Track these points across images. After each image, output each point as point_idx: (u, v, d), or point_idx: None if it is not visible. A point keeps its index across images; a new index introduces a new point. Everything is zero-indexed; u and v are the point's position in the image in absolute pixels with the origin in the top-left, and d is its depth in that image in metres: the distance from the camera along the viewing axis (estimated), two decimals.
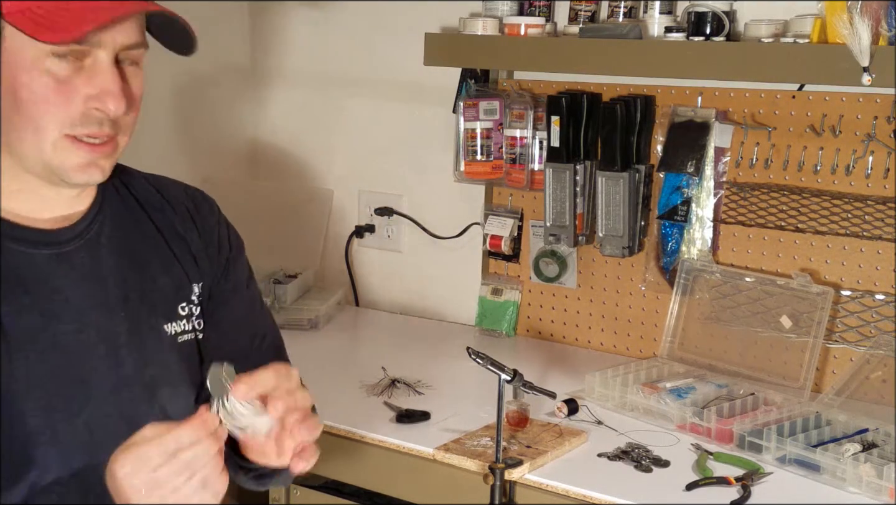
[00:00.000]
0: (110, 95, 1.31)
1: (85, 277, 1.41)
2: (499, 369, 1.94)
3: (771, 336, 2.40)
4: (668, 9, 2.43)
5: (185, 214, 1.55)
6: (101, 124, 1.33)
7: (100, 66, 1.31)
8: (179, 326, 1.49)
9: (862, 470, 1.91)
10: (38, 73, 1.29)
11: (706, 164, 2.48)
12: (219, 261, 1.58)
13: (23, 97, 1.30)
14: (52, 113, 1.30)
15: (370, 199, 3.10)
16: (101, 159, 1.35)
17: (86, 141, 1.33)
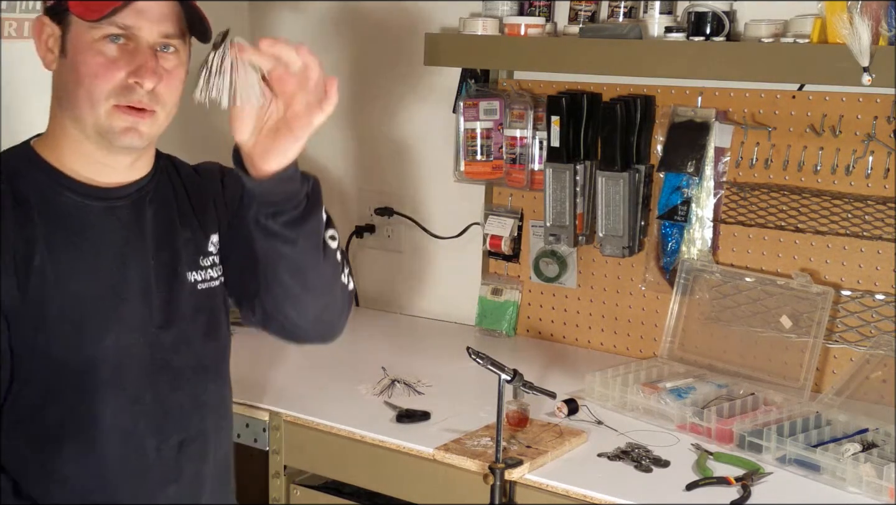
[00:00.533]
0: (145, 70, 1.60)
1: (127, 228, 1.70)
2: (499, 369, 1.94)
3: (771, 336, 2.40)
4: (668, 9, 2.44)
5: (203, 182, 1.84)
6: (140, 96, 1.61)
7: (139, 49, 1.61)
8: (200, 276, 1.77)
9: (862, 470, 1.91)
10: (93, 54, 1.61)
11: (706, 164, 2.48)
12: (225, 210, 1.83)
13: (81, 71, 1.61)
14: (101, 85, 1.60)
15: (370, 199, 3.10)
16: (142, 125, 1.63)
17: (129, 107, 1.61)
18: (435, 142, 2.95)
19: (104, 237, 1.68)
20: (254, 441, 2.34)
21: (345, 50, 3.09)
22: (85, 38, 1.61)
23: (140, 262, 1.71)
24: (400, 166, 3.04)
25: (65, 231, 1.65)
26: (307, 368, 2.56)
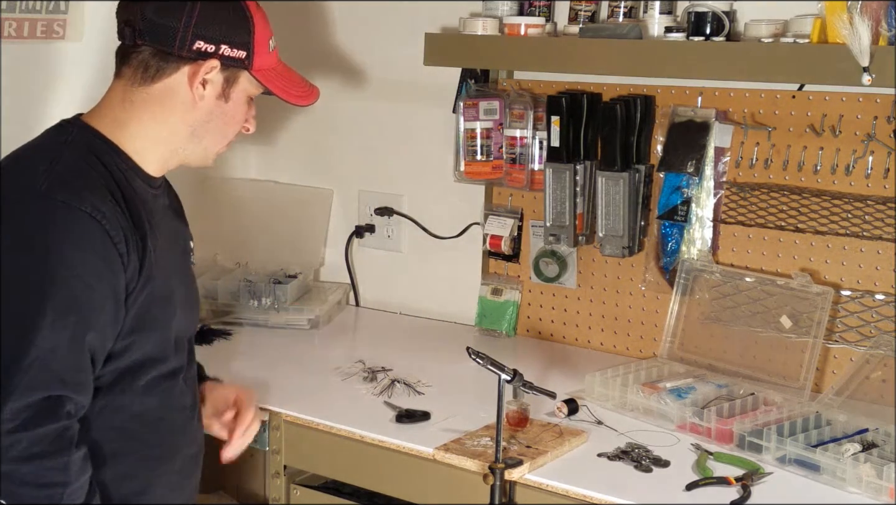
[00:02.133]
0: (253, 121, 1.93)
1: (165, 215, 1.88)
2: (499, 369, 1.94)
3: (771, 336, 2.40)
4: (668, 9, 2.44)
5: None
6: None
7: (253, 103, 1.93)
8: (191, 262, 1.98)
9: (862, 470, 1.91)
10: (246, 109, 1.90)
11: (706, 164, 2.48)
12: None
13: (232, 118, 1.87)
14: (233, 133, 1.90)
15: (370, 199, 3.10)
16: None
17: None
18: (435, 142, 2.95)
19: (160, 222, 1.84)
20: (254, 441, 2.35)
21: (345, 50, 3.09)
22: (247, 94, 1.87)
23: (175, 245, 1.90)
24: (400, 166, 3.04)
25: (147, 213, 1.78)
26: (307, 368, 2.56)
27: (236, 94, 1.85)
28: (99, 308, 1.65)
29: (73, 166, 1.70)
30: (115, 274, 1.67)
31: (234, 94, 1.85)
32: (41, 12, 2.61)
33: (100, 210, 1.65)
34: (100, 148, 1.75)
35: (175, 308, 1.83)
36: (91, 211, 1.65)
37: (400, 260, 3.08)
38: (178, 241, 1.92)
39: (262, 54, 1.89)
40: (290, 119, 3.23)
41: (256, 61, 1.87)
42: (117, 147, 1.77)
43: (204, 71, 1.78)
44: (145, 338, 1.76)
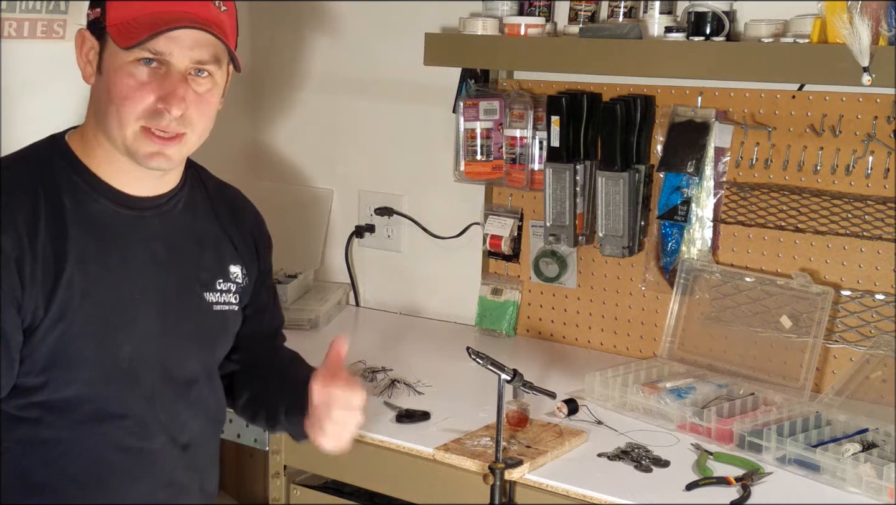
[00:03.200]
0: (173, 97, 1.62)
1: (154, 239, 1.73)
2: (499, 369, 1.94)
3: (771, 336, 2.40)
4: (668, 9, 2.44)
5: (235, 213, 1.90)
6: (168, 122, 1.63)
7: (170, 74, 1.62)
8: (215, 297, 1.81)
9: (862, 470, 1.91)
10: (124, 75, 1.62)
11: (706, 164, 2.48)
12: (254, 254, 1.92)
13: (112, 92, 1.63)
14: (130, 107, 1.62)
15: (370, 199, 3.10)
16: (169, 150, 1.65)
17: (157, 134, 1.63)
18: (435, 142, 2.95)
19: (132, 247, 1.70)
20: (254, 441, 2.35)
21: (345, 50, 3.09)
22: (119, 58, 1.62)
23: (161, 274, 1.73)
24: (400, 166, 3.04)
25: (97, 240, 1.66)
26: None
27: (106, 62, 1.65)
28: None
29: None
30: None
31: (105, 64, 1.65)
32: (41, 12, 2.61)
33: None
34: (57, 168, 1.67)
35: (130, 345, 1.68)
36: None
37: (400, 260, 3.08)
38: (176, 269, 1.76)
39: (119, 7, 1.63)
40: (289, 119, 3.23)
41: (111, 15, 1.64)
42: (83, 165, 1.69)
43: (79, 45, 1.67)
44: (68, 376, 1.65)
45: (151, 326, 1.71)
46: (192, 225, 1.80)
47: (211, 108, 1.69)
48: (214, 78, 1.68)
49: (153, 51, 1.60)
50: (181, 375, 1.77)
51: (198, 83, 1.65)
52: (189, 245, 1.79)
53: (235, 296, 1.85)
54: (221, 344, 1.87)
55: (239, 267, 1.86)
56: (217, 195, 1.88)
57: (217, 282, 1.82)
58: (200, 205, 1.83)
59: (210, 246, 1.82)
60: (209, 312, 1.81)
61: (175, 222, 1.77)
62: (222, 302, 1.83)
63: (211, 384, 1.85)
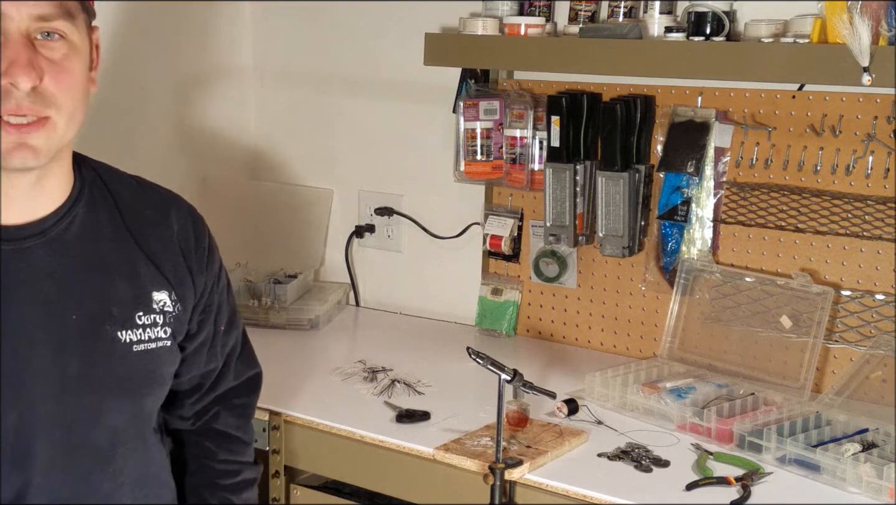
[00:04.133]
0: (17, 66, 1.28)
1: (40, 275, 1.39)
2: (499, 369, 1.94)
3: (771, 336, 2.40)
4: (668, 9, 2.43)
5: (156, 221, 1.53)
6: (18, 100, 1.29)
7: (8, 40, 1.29)
8: (135, 335, 1.47)
9: (862, 470, 1.91)
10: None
11: (706, 164, 2.48)
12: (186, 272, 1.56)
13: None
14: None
15: (370, 199, 3.10)
16: (33, 139, 1.32)
17: (12, 122, 1.30)
18: (435, 142, 2.95)
19: (10, 290, 1.37)
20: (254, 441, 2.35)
21: (344, 50, 3.09)
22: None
23: (55, 318, 1.40)
24: (400, 166, 3.04)
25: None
26: (307, 367, 2.56)
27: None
28: None
29: None
30: None
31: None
32: None
33: None
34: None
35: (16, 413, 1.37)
36: None
37: (400, 260, 3.08)
38: (75, 308, 1.42)
39: None
40: (289, 119, 3.23)
41: None
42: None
43: None
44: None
45: (44, 384, 1.39)
46: (93, 249, 1.45)
47: (74, 81, 1.34)
48: (70, 40, 1.34)
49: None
50: (96, 439, 1.45)
51: (48, 48, 1.32)
52: (92, 275, 1.44)
53: (165, 329, 1.51)
54: (151, 392, 1.52)
55: (166, 293, 1.51)
56: (130, 202, 1.51)
57: (136, 316, 1.47)
58: (105, 220, 1.47)
59: (122, 272, 1.47)
60: (128, 355, 1.47)
61: (69, 249, 1.42)
62: (146, 339, 1.48)
63: (144, 446, 1.53)
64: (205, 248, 1.57)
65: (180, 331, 1.53)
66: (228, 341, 1.68)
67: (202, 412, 1.69)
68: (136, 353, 1.47)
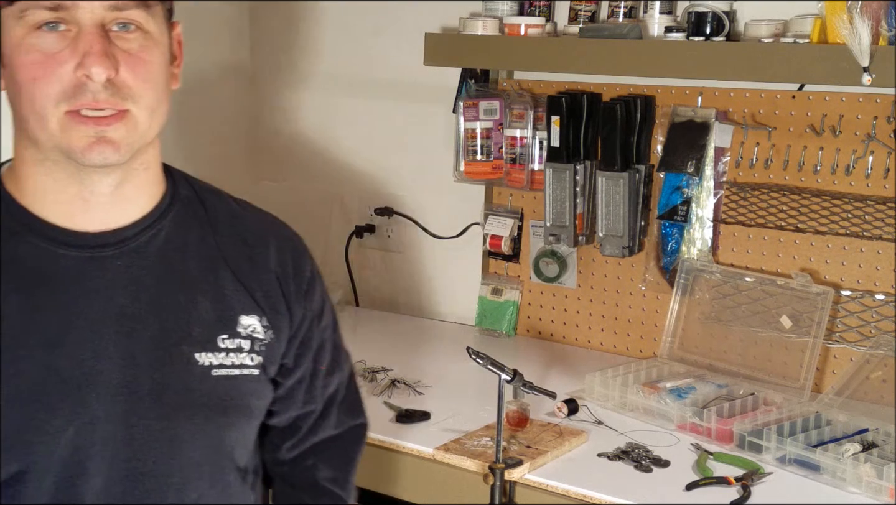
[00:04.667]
0: (91, 56, 1.23)
1: (116, 287, 1.32)
2: (499, 369, 1.94)
3: (771, 336, 2.40)
4: (668, 9, 2.44)
5: (254, 244, 1.44)
6: (94, 93, 1.24)
7: (82, 31, 1.24)
8: (215, 358, 1.36)
9: (862, 470, 1.91)
10: (25, 51, 1.25)
11: (706, 164, 2.48)
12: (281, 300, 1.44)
13: (19, 79, 1.26)
14: (44, 89, 1.24)
15: (370, 199, 3.10)
16: (112, 132, 1.26)
17: (90, 115, 1.25)
18: (435, 142, 2.95)
19: (81, 299, 1.30)
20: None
21: (344, 50, 3.09)
22: (15, 34, 1.25)
23: (127, 332, 1.32)
24: (400, 166, 3.04)
25: (25, 293, 1.28)
26: None
27: (4, 46, 1.27)
28: None
29: None
30: None
31: (4, 50, 1.27)
32: None
33: None
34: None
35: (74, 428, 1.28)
36: None
37: (400, 260, 3.08)
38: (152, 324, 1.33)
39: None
40: (289, 119, 3.23)
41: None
42: (10, 197, 1.33)
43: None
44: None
45: (109, 401, 1.29)
46: (177, 266, 1.36)
47: (153, 72, 1.28)
48: (147, 30, 1.28)
49: (50, 3, 1.22)
50: (164, 469, 1.33)
51: (124, 39, 1.26)
52: (172, 292, 1.35)
53: (252, 357, 1.38)
54: (231, 424, 1.38)
55: (256, 318, 1.40)
56: (226, 223, 1.44)
57: (218, 338, 1.36)
58: (195, 238, 1.40)
59: (207, 292, 1.37)
60: (205, 380, 1.35)
61: (150, 263, 1.34)
62: (228, 365, 1.36)
63: (224, 486, 1.38)
64: (304, 278, 1.46)
65: (273, 362, 1.41)
66: (330, 384, 1.54)
67: (299, 459, 1.55)
68: (214, 377, 1.35)
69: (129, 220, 1.34)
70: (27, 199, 1.32)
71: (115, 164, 1.28)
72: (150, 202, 1.36)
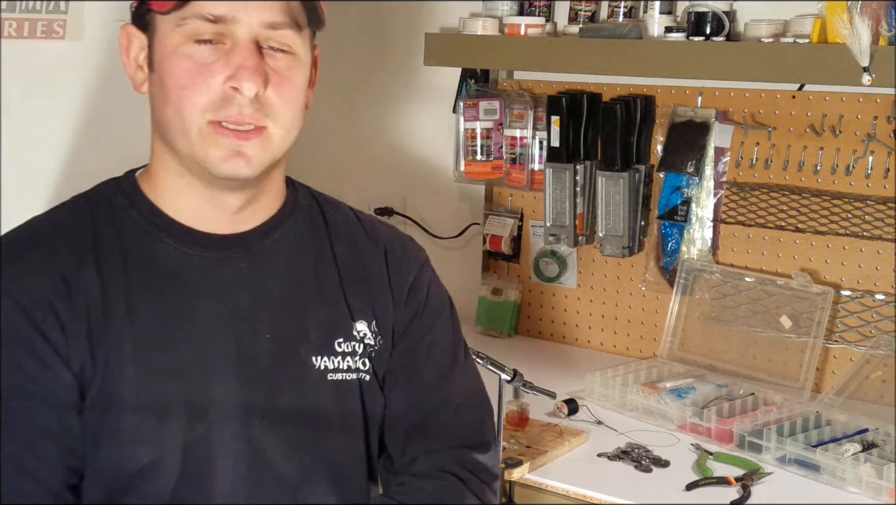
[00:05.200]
0: (244, 70, 1.27)
1: (239, 287, 1.36)
2: (499, 369, 1.94)
3: (771, 336, 2.40)
4: (668, 9, 2.44)
5: (377, 255, 1.49)
6: (241, 107, 1.29)
7: (236, 45, 1.29)
8: (332, 363, 1.39)
9: (862, 470, 1.91)
10: (178, 59, 1.29)
11: (706, 164, 2.48)
12: (389, 302, 1.48)
13: (167, 84, 1.30)
14: (192, 97, 1.28)
15: (370, 199, 3.10)
16: (248, 148, 1.30)
17: (230, 128, 1.29)
18: (435, 142, 2.95)
19: (206, 298, 1.34)
20: None
21: (344, 50, 3.09)
22: (170, 42, 1.29)
23: (248, 333, 1.35)
24: (400, 166, 3.04)
25: (156, 289, 1.32)
26: None
27: (157, 52, 1.32)
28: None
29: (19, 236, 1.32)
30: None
31: (156, 55, 1.32)
32: (41, 12, 2.61)
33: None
34: (114, 206, 1.36)
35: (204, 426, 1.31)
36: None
37: None
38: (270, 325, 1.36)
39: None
40: None
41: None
42: (145, 199, 1.38)
43: (124, 46, 1.35)
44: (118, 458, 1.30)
45: (228, 402, 1.32)
46: (296, 270, 1.40)
47: (295, 93, 1.35)
48: (295, 52, 1.35)
49: (209, 16, 1.27)
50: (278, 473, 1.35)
51: (273, 58, 1.32)
52: (292, 295, 1.39)
53: (363, 360, 1.41)
54: (345, 430, 1.40)
55: (365, 323, 1.43)
56: (343, 230, 1.48)
57: (335, 342, 1.40)
58: (312, 244, 1.44)
59: (323, 296, 1.41)
60: (321, 384, 1.38)
61: (271, 266, 1.38)
62: (344, 369, 1.39)
63: (337, 490, 1.39)
64: (408, 283, 1.50)
65: (381, 366, 1.44)
66: (435, 394, 1.50)
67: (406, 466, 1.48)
68: (330, 382, 1.38)
69: (253, 225, 1.39)
70: (161, 200, 1.37)
71: (245, 177, 1.32)
72: (273, 209, 1.41)
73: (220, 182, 1.33)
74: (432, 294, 1.54)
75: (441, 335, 1.53)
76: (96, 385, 1.28)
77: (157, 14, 1.30)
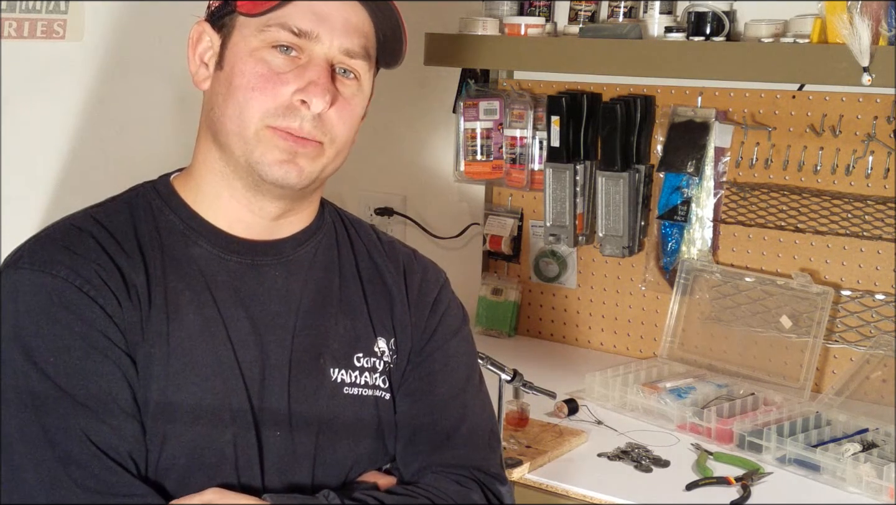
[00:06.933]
0: (316, 87, 1.30)
1: (272, 295, 1.38)
2: (499, 369, 1.94)
3: (771, 336, 2.40)
4: (668, 9, 2.44)
5: (397, 274, 1.51)
6: (303, 120, 1.31)
7: (312, 62, 1.32)
8: (350, 377, 1.40)
9: (862, 470, 1.91)
10: (253, 62, 1.31)
11: (706, 164, 2.48)
12: (406, 319, 1.49)
13: (235, 83, 1.32)
14: (258, 100, 1.31)
15: (370, 199, 3.10)
16: (302, 158, 1.33)
17: (290, 132, 1.32)
18: (435, 142, 2.95)
19: (239, 302, 1.35)
20: None
21: None
22: (248, 44, 1.32)
23: (276, 340, 1.36)
24: (400, 166, 3.04)
25: (192, 291, 1.33)
26: None
27: (231, 52, 1.35)
28: None
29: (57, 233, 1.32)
30: None
31: (229, 55, 1.35)
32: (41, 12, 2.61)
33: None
34: (150, 208, 1.37)
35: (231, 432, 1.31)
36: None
37: None
38: (296, 334, 1.37)
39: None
40: None
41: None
42: (182, 202, 1.38)
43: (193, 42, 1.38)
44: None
45: (251, 409, 1.33)
46: (325, 282, 1.42)
47: (354, 119, 1.39)
48: (361, 81, 1.40)
49: (294, 29, 1.30)
50: (295, 482, 1.35)
51: (342, 82, 1.36)
52: (319, 306, 1.40)
53: (383, 378, 1.42)
54: (356, 447, 1.40)
55: (385, 340, 1.45)
56: (366, 247, 1.50)
57: (354, 356, 1.41)
58: (339, 258, 1.46)
59: (347, 311, 1.42)
60: (336, 396, 1.38)
61: (303, 276, 1.40)
62: (361, 384, 1.40)
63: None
64: (429, 302, 1.53)
65: (396, 382, 1.45)
66: (445, 413, 1.48)
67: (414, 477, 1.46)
68: (345, 395, 1.39)
69: (287, 234, 1.41)
70: (198, 203, 1.38)
71: (292, 186, 1.34)
72: (306, 222, 1.44)
73: (265, 186, 1.34)
74: (451, 315, 1.56)
75: (457, 354, 1.53)
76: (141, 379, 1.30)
77: (239, 16, 1.33)
